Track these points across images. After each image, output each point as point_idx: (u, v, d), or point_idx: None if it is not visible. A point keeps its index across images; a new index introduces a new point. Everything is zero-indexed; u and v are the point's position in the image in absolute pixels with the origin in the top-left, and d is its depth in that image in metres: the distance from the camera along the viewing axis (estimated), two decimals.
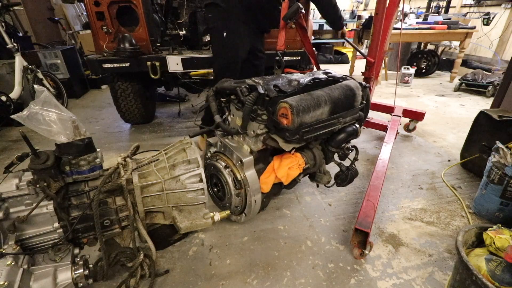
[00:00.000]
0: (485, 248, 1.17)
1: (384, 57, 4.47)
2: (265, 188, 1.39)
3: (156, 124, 3.22)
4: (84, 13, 6.18)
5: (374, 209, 1.47)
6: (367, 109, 1.56)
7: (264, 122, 1.31)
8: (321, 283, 1.32)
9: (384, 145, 2.16)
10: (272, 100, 1.24)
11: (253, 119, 1.32)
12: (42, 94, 1.02)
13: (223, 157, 1.44)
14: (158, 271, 1.34)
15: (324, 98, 1.27)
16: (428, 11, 5.73)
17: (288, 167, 1.37)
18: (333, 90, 1.35)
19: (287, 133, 1.21)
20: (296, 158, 1.42)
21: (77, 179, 1.12)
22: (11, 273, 0.90)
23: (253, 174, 1.36)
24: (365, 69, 2.27)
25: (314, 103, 1.23)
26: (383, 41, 2.11)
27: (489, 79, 4.02)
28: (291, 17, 1.74)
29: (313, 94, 1.28)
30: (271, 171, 1.40)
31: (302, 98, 1.22)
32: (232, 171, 1.37)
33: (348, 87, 1.39)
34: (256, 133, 1.34)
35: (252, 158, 1.35)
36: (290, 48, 2.48)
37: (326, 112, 1.30)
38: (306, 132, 1.24)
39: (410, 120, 2.82)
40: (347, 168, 1.58)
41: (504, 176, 1.53)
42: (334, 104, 1.31)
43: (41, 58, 3.94)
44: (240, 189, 1.37)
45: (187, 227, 1.25)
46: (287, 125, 1.21)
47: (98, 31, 2.36)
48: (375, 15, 2.06)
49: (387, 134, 2.35)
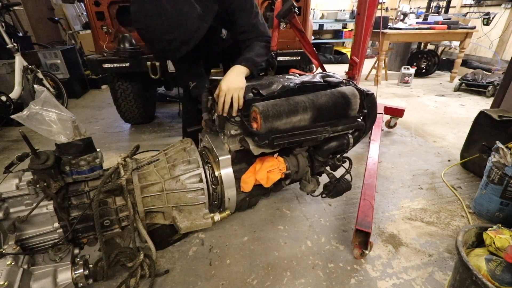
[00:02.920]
0: (485, 248, 1.17)
1: (384, 57, 4.49)
2: (246, 188, 1.39)
3: (156, 124, 3.22)
4: (84, 13, 6.17)
5: (371, 207, 1.47)
6: (372, 117, 1.50)
7: (237, 124, 1.30)
8: (321, 283, 1.32)
9: (372, 143, 2.18)
10: (247, 102, 1.22)
11: (228, 120, 1.31)
12: (42, 94, 1.03)
13: (207, 153, 1.45)
14: (158, 271, 1.34)
15: (304, 104, 1.22)
16: (428, 11, 5.73)
17: (267, 170, 1.36)
18: (319, 96, 1.28)
19: (256, 137, 1.20)
20: (278, 162, 1.40)
21: (77, 179, 1.12)
22: (11, 273, 0.90)
23: (229, 172, 1.35)
24: (348, 69, 2.28)
25: (289, 109, 1.19)
26: (364, 40, 2.13)
27: (489, 79, 4.02)
28: (284, 16, 1.72)
29: (292, 99, 1.23)
30: (252, 172, 1.39)
31: (276, 103, 1.19)
32: (212, 167, 1.38)
33: (341, 94, 1.31)
34: (231, 133, 1.33)
35: (229, 157, 1.35)
36: (290, 48, 2.48)
37: (307, 119, 1.25)
38: (278, 138, 1.20)
39: (391, 116, 2.87)
40: (336, 180, 1.51)
41: (504, 176, 1.53)
42: (317, 111, 1.25)
43: (41, 58, 3.94)
44: (217, 185, 1.37)
45: (187, 227, 1.25)
46: (256, 129, 1.19)
47: (98, 31, 2.36)
48: (357, 16, 2.08)
49: (373, 132, 2.36)
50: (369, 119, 1.49)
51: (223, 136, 1.43)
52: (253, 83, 1.30)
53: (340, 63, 6.60)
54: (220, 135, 1.46)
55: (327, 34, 7.35)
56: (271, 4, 2.42)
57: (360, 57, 2.19)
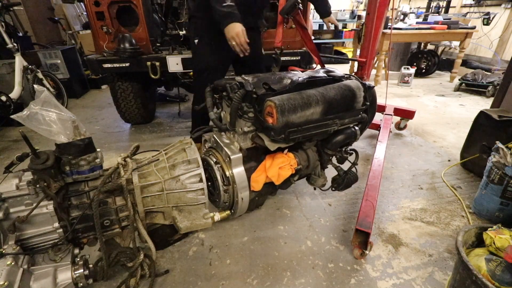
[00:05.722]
0: (485, 248, 1.17)
1: (384, 58, 4.49)
2: (256, 187, 1.38)
3: (156, 124, 3.22)
4: (84, 13, 6.17)
5: (373, 208, 1.47)
6: (372, 111, 1.51)
7: (251, 120, 1.29)
8: (321, 283, 1.32)
9: (379, 144, 2.18)
10: (260, 98, 1.22)
11: (240, 117, 1.31)
12: (42, 94, 1.03)
13: (215, 153, 1.44)
14: (158, 271, 1.34)
15: (316, 98, 1.23)
16: (428, 11, 5.73)
17: (279, 167, 1.35)
18: (329, 89, 1.30)
19: (272, 132, 1.19)
20: (288, 158, 1.40)
21: (77, 179, 1.12)
22: (11, 273, 0.90)
23: (241, 171, 1.35)
24: (357, 69, 2.28)
25: (303, 103, 1.20)
26: (374, 40, 2.12)
27: (489, 79, 4.02)
28: (288, 12, 1.72)
29: (304, 93, 1.24)
30: (262, 170, 1.38)
31: (290, 97, 1.19)
32: (222, 167, 1.37)
33: (347, 87, 1.34)
34: (243, 130, 1.32)
35: (240, 155, 1.34)
36: (290, 48, 2.48)
37: (318, 112, 1.26)
38: (293, 132, 1.21)
39: (401, 118, 2.85)
40: (345, 172, 1.53)
41: (504, 176, 1.53)
42: (328, 104, 1.27)
43: (41, 58, 3.94)
44: (228, 185, 1.37)
45: (187, 227, 1.25)
46: (272, 124, 1.18)
47: (98, 31, 2.36)
48: (367, 15, 2.06)
49: (381, 133, 2.36)
50: (370, 112, 1.50)
51: (232, 134, 1.42)
52: (263, 79, 1.29)
53: (340, 63, 6.59)
54: (228, 134, 1.45)
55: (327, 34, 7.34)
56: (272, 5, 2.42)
57: (369, 58, 2.17)
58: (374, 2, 1.97)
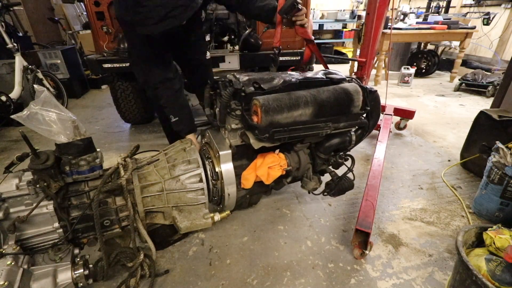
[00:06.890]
0: (485, 248, 1.17)
1: (384, 58, 4.49)
2: (246, 184, 1.38)
3: (156, 124, 3.21)
4: (84, 13, 6.17)
5: (373, 208, 1.47)
6: (375, 115, 1.48)
7: (238, 118, 1.30)
8: (321, 283, 1.32)
9: (379, 144, 2.18)
10: (247, 96, 1.22)
11: (229, 114, 1.32)
12: (42, 94, 1.03)
13: (208, 148, 1.46)
14: (158, 271, 1.34)
15: (306, 99, 1.22)
16: (428, 11, 5.73)
17: (268, 167, 1.35)
18: (321, 92, 1.28)
19: (257, 130, 1.19)
20: (279, 158, 1.39)
21: (77, 179, 1.12)
22: (11, 273, 0.90)
23: (229, 167, 1.35)
24: (357, 69, 2.28)
25: (290, 103, 1.19)
26: (374, 40, 2.12)
27: (489, 79, 4.02)
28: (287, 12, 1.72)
29: (293, 94, 1.23)
30: (253, 168, 1.38)
31: (277, 97, 1.19)
32: (212, 162, 1.37)
33: (344, 91, 1.31)
34: (232, 127, 1.34)
35: (229, 152, 1.34)
36: (290, 48, 2.48)
37: (308, 114, 1.25)
38: (278, 132, 1.20)
39: (401, 118, 2.85)
40: (338, 178, 1.50)
41: (504, 176, 1.53)
42: (319, 106, 1.25)
43: (41, 58, 3.94)
44: (217, 180, 1.37)
45: (187, 227, 1.25)
46: (257, 122, 1.19)
47: (98, 31, 2.36)
48: (367, 15, 2.06)
49: (380, 133, 2.36)
50: (373, 117, 1.48)
51: (224, 131, 1.43)
52: (254, 77, 1.29)
53: (340, 63, 6.59)
54: (221, 130, 1.46)
55: (327, 34, 7.35)
56: None
57: (369, 58, 2.16)
58: (374, 2, 1.97)
